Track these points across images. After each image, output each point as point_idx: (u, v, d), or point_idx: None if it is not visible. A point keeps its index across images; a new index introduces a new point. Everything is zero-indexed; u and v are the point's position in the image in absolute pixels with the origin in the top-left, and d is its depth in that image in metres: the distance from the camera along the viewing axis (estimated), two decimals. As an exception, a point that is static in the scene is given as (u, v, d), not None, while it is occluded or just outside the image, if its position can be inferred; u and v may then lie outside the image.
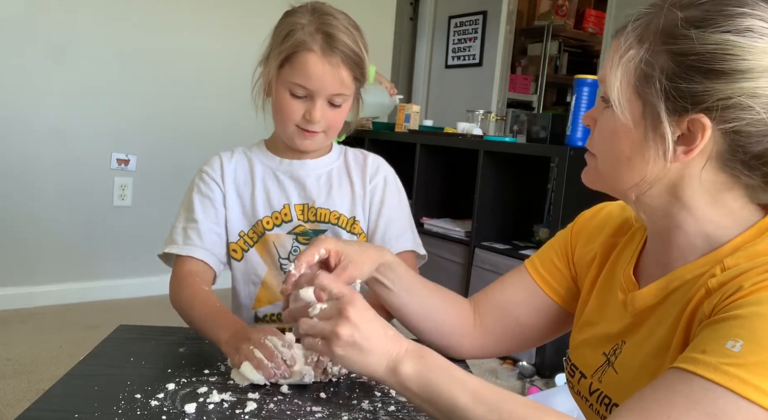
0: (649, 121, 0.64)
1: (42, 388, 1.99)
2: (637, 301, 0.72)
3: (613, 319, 0.77)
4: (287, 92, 1.02)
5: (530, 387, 2.22)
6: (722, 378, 0.54)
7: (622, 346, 0.74)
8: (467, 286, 2.64)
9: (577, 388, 0.81)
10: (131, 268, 3.03)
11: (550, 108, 4.96)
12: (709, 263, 0.65)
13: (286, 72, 1.02)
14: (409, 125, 3.11)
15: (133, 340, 0.94)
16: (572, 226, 0.91)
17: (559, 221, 2.26)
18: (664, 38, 0.62)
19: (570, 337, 0.86)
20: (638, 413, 0.57)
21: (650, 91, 0.62)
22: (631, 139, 0.65)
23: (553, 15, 4.61)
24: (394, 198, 1.14)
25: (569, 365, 0.84)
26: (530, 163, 2.70)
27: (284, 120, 1.05)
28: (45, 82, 2.71)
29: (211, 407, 0.74)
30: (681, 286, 0.67)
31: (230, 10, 3.16)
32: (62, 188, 2.81)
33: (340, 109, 1.05)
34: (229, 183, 1.10)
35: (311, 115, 1.02)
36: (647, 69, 0.62)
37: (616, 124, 0.66)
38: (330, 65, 1.00)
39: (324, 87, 1.01)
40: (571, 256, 0.89)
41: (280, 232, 1.10)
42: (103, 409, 0.71)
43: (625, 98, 0.64)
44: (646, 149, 0.65)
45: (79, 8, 2.73)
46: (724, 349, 0.55)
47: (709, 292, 0.62)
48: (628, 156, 0.66)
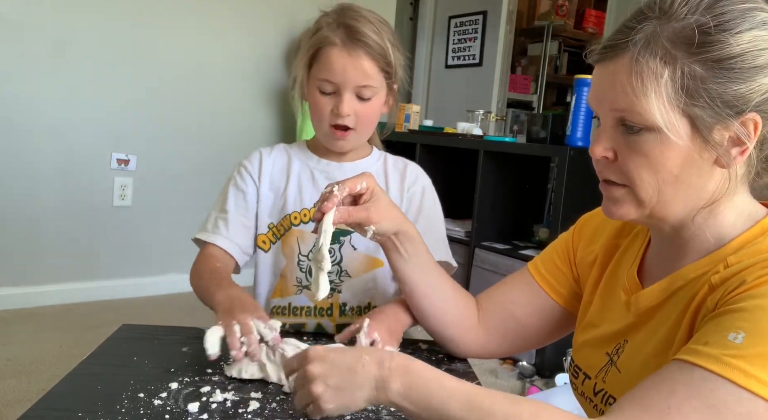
0: (702, 134, 0.62)
1: (42, 388, 1.99)
2: (641, 302, 0.72)
3: (616, 320, 0.77)
4: (317, 90, 1.04)
5: (530, 387, 2.22)
6: (723, 369, 0.54)
7: (624, 344, 0.74)
8: (467, 286, 2.64)
9: (581, 390, 0.81)
10: (131, 268, 3.03)
11: (550, 108, 4.96)
12: (713, 262, 0.66)
13: (314, 70, 1.04)
14: (409, 125, 3.11)
15: (136, 339, 0.95)
16: (574, 228, 0.92)
17: (559, 221, 2.27)
18: (695, 49, 0.61)
19: (573, 338, 0.87)
20: (639, 403, 0.57)
21: (698, 103, 0.61)
22: (682, 157, 0.63)
23: (553, 15, 4.61)
24: (431, 209, 1.15)
25: (573, 367, 0.84)
26: (530, 163, 2.70)
27: (318, 119, 1.06)
28: (45, 82, 2.70)
29: (214, 406, 0.74)
30: (685, 285, 0.68)
31: (231, 11, 3.16)
32: (62, 188, 2.80)
33: (370, 103, 1.05)
34: (265, 177, 1.13)
35: (339, 109, 1.02)
36: (689, 84, 0.61)
37: (661, 147, 0.63)
38: (351, 57, 1.01)
39: (348, 79, 1.01)
40: (573, 258, 0.89)
41: (305, 229, 1.11)
42: (107, 408, 0.71)
43: (671, 119, 0.62)
44: (701, 163, 0.63)
45: (79, 8, 2.73)
46: (726, 341, 0.56)
47: (712, 288, 0.63)
48: (676, 174, 0.64)
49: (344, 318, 1.09)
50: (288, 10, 3.31)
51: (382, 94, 1.08)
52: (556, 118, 2.47)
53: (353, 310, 1.10)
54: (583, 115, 2.27)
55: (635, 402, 0.57)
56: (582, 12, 4.89)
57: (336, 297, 1.09)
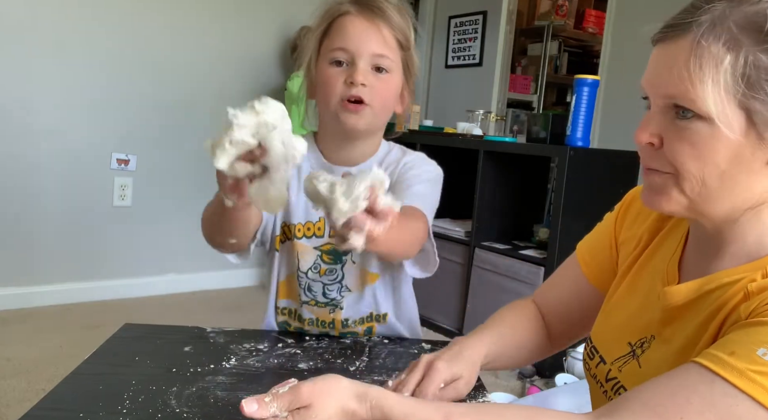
0: (759, 129, 0.58)
1: (42, 388, 1.99)
2: (669, 297, 0.69)
3: (644, 308, 0.74)
4: (327, 63, 0.95)
5: (530, 387, 2.22)
6: (746, 384, 0.52)
7: (651, 341, 0.71)
8: (467, 286, 2.65)
9: (594, 372, 0.79)
10: (131, 268, 3.03)
11: (550, 108, 4.95)
12: (752, 269, 0.62)
13: (325, 44, 0.96)
14: (409, 125, 3.11)
15: (138, 338, 0.94)
16: (621, 205, 0.87)
17: (559, 221, 2.26)
18: (760, 37, 0.56)
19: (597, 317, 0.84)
20: (651, 409, 0.55)
21: (757, 97, 0.57)
22: (731, 150, 0.59)
23: (553, 15, 4.61)
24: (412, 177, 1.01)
25: (589, 347, 0.81)
26: (530, 163, 2.70)
27: (327, 94, 0.95)
28: (45, 82, 2.70)
29: (216, 406, 0.74)
30: (717, 288, 0.64)
31: (232, 11, 3.16)
32: (62, 188, 2.80)
33: (387, 78, 0.95)
34: None
35: (354, 78, 0.92)
36: (751, 72, 0.57)
37: (712, 138, 0.59)
38: (368, 22, 0.93)
39: (363, 45, 0.93)
40: (615, 240, 0.85)
41: (307, 244, 1.03)
42: (108, 408, 0.71)
43: (727, 110, 0.58)
44: (753, 160, 0.59)
45: (79, 8, 2.73)
46: (754, 355, 0.53)
47: (747, 296, 0.60)
48: (723, 169, 0.60)
49: (347, 329, 1.06)
50: (288, 10, 3.31)
51: (399, 77, 0.98)
52: (556, 118, 2.47)
53: (355, 322, 1.06)
54: (583, 115, 2.27)
55: (647, 406, 0.55)
56: (582, 12, 4.88)
57: (338, 313, 1.04)
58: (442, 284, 2.74)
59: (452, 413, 0.57)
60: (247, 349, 0.93)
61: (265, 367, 0.87)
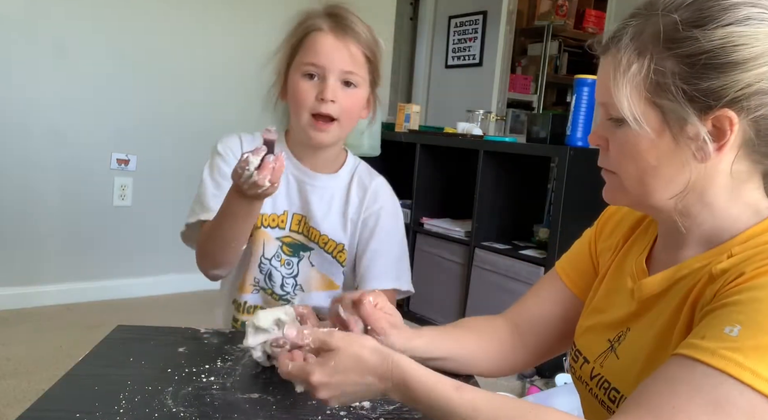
0: (673, 128, 0.64)
1: (42, 388, 1.98)
2: (644, 289, 0.73)
3: (620, 306, 0.77)
4: (299, 76, 1.03)
5: (530, 387, 2.22)
6: (720, 362, 0.54)
7: (626, 333, 0.74)
8: (467, 286, 2.64)
9: (579, 374, 0.81)
10: (131, 268, 3.03)
11: (550, 108, 4.95)
12: (719, 253, 0.66)
13: (298, 57, 1.04)
14: (409, 125, 3.11)
15: (132, 340, 0.94)
16: (598, 220, 0.92)
17: (559, 221, 2.26)
18: (667, 44, 0.62)
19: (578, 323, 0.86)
20: (645, 407, 0.57)
21: (667, 97, 0.63)
22: (657, 149, 0.65)
23: (553, 15, 4.61)
24: (387, 231, 1.12)
25: (573, 351, 0.84)
26: (530, 163, 2.70)
27: (298, 106, 1.04)
28: (45, 82, 2.70)
29: (212, 406, 0.74)
30: (688, 274, 0.68)
31: (232, 10, 3.16)
32: (62, 188, 2.81)
33: (354, 93, 1.04)
34: None
35: (324, 94, 1.01)
36: (658, 78, 0.63)
37: (637, 139, 0.66)
38: (339, 40, 1.02)
39: (334, 62, 1.01)
40: (594, 250, 0.89)
41: (271, 234, 1.10)
42: (104, 409, 0.71)
43: (640, 112, 0.64)
44: (677, 155, 0.65)
45: (79, 8, 2.73)
46: (722, 334, 0.56)
47: (712, 278, 0.63)
48: (654, 165, 0.66)
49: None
50: (287, 10, 3.30)
51: (366, 90, 1.07)
52: (556, 117, 2.47)
53: None
54: (583, 115, 2.27)
55: (641, 405, 0.57)
56: (582, 12, 4.88)
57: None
58: (442, 284, 2.74)
59: (464, 387, 0.62)
60: (242, 349, 0.93)
61: (261, 367, 0.86)
